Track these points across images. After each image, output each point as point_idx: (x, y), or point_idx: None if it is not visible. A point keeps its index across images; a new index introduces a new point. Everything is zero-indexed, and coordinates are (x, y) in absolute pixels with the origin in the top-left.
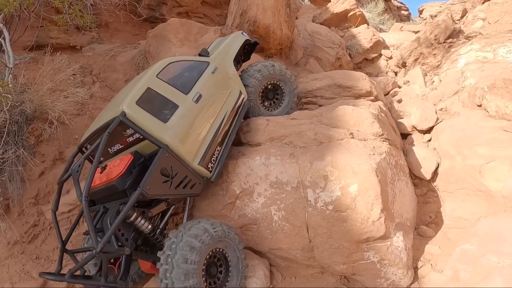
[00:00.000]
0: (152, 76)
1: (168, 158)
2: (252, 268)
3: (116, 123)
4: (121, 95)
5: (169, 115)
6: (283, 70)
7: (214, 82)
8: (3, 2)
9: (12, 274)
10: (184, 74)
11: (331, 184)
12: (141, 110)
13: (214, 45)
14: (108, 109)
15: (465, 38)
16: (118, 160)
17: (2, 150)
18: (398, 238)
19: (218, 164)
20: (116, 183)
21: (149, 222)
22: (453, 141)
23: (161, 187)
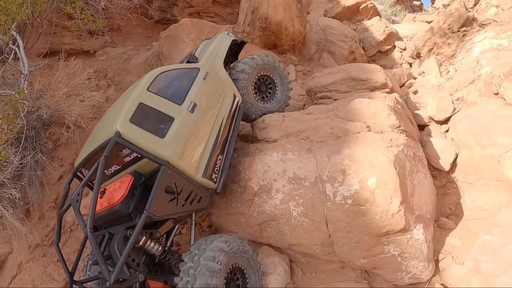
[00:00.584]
0: (142, 90)
1: (171, 174)
2: (272, 264)
3: (112, 145)
4: (111, 113)
5: (165, 130)
6: (275, 61)
7: (206, 89)
8: (15, 10)
9: (34, 277)
10: (175, 83)
11: (349, 178)
12: (136, 128)
13: (201, 49)
14: (100, 129)
15: (479, 26)
16: (118, 183)
17: (20, 155)
18: (418, 231)
19: (222, 174)
20: (120, 207)
21: (159, 243)
22: (471, 131)
23: (168, 207)
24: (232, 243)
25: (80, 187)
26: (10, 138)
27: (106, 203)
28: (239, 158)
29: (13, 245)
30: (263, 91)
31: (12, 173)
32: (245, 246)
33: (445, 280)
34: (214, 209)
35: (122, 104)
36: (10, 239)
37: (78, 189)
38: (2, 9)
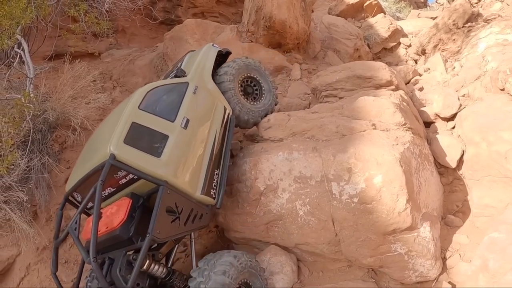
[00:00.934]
0: (134, 109)
1: (170, 194)
2: (279, 264)
3: (107, 168)
4: (102, 132)
5: (161, 148)
6: (256, 63)
7: (197, 103)
8: (19, 14)
9: (42, 278)
10: (166, 100)
11: (355, 176)
12: (130, 149)
13: (186, 62)
14: (92, 150)
15: (484, 21)
16: (115, 206)
17: (27, 158)
18: (425, 229)
19: (220, 188)
20: (120, 232)
21: (163, 266)
22: (477, 127)
23: (171, 227)
24: (241, 258)
25: (77, 214)
26: (17, 141)
27: (104, 228)
28: (244, 158)
29: (21, 247)
30: (250, 93)
31: (19, 176)
32: (253, 262)
33: (452, 278)
34: (221, 209)
35: (113, 123)
36: (18, 242)
37: (75, 216)
38: (6, 13)
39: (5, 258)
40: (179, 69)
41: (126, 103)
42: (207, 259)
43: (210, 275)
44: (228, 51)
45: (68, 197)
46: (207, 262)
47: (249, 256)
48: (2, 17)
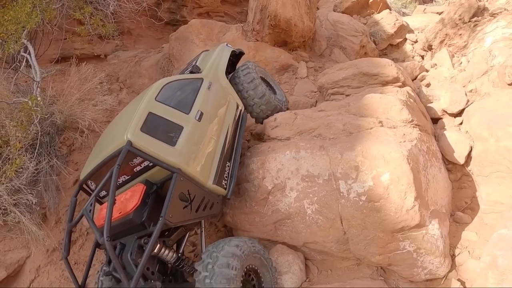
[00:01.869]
0: (151, 100)
1: (184, 182)
2: (287, 263)
3: (124, 154)
4: (116, 125)
5: (175, 138)
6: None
7: (211, 98)
8: (24, 19)
9: (52, 280)
10: (181, 93)
11: (362, 174)
12: (147, 137)
13: (201, 60)
14: (107, 141)
15: (490, 16)
16: (129, 192)
17: (36, 161)
18: (433, 226)
19: (231, 180)
20: (133, 216)
21: (173, 251)
22: (485, 122)
23: (183, 213)
24: (243, 246)
25: (92, 197)
26: (25, 145)
27: (117, 214)
28: (252, 157)
29: (31, 249)
30: None
31: (28, 178)
32: (256, 246)
33: (461, 275)
34: (229, 208)
35: (127, 116)
36: (28, 244)
37: (91, 199)
38: (11, 18)
39: (15, 261)
40: (195, 66)
41: (142, 96)
42: (209, 251)
43: (214, 269)
44: (241, 51)
45: (82, 185)
46: (210, 254)
47: (251, 242)
48: (8, 22)
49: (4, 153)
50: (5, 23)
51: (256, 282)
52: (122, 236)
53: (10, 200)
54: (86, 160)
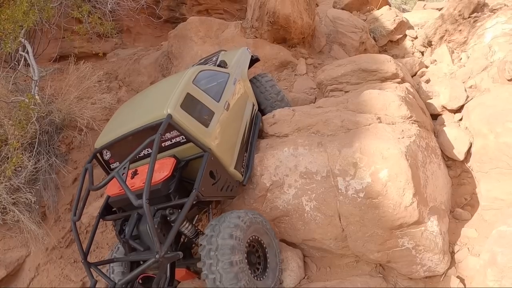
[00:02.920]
0: (189, 82)
1: (213, 161)
2: (286, 260)
3: (165, 125)
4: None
5: (208, 121)
6: None
7: (235, 93)
8: (21, 17)
9: (52, 278)
10: (213, 82)
11: (360, 171)
12: (186, 114)
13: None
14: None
15: (490, 11)
16: (158, 164)
17: (35, 159)
18: (432, 223)
19: (247, 169)
20: (161, 186)
21: (193, 226)
22: (485, 118)
23: (211, 189)
24: (245, 217)
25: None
26: (24, 143)
27: (139, 183)
28: None
29: (30, 248)
30: None
31: (27, 177)
32: (257, 217)
33: (461, 272)
34: (227, 206)
35: (157, 95)
36: (27, 243)
37: (125, 163)
38: (8, 17)
39: (14, 259)
40: (222, 60)
41: (175, 78)
42: (212, 225)
43: (218, 241)
44: (257, 57)
45: (97, 153)
46: (213, 228)
47: (253, 213)
48: (5, 21)
49: (3, 152)
50: (2, 22)
51: (260, 253)
52: None
53: (9, 199)
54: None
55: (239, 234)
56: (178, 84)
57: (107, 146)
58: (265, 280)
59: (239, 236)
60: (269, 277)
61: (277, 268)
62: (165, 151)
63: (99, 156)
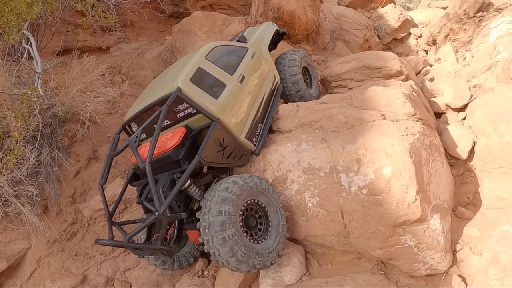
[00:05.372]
0: (201, 57)
1: (220, 130)
2: (287, 256)
3: (174, 97)
4: (164, 78)
5: (219, 93)
6: (307, 57)
7: (253, 66)
8: (24, 10)
9: (53, 271)
10: (228, 57)
11: (364, 167)
12: (194, 87)
13: (248, 32)
14: (154, 90)
15: (495, 11)
16: (170, 133)
17: (37, 152)
18: (435, 221)
19: (261, 138)
20: (171, 153)
21: (200, 189)
22: (489, 117)
23: (216, 156)
24: (233, 187)
25: (139, 131)
26: (26, 136)
27: (156, 151)
28: None
29: (31, 240)
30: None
31: (29, 170)
32: (263, 184)
33: (462, 271)
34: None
35: (176, 71)
36: (28, 235)
37: (138, 132)
38: (12, 9)
39: (16, 252)
40: (242, 36)
41: (192, 55)
42: (205, 199)
43: (209, 218)
44: (284, 31)
45: (125, 126)
46: (205, 203)
47: (242, 178)
48: (8, 13)
49: (5, 145)
50: (5, 14)
51: (261, 213)
52: (158, 173)
53: (11, 191)
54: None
55: (228, 208)
56: (192, 59)
57: (132, 118)
58: (267, 240)
59: (228, 210)
60: (272, 236)
61: (279, 224)
62: (180, 122)
63: (128, 128)
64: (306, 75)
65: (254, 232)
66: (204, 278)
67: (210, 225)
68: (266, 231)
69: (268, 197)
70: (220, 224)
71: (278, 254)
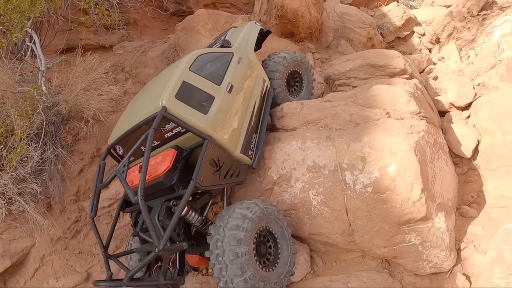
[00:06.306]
0: (185, 69)
1: (214, 149)
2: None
3: (159, 118)
4: (148, 93)
5: (207, 107)
6: (303, 58)
7: (240, 72)
8: (28, 8)
9: (56, 269)
10: (213, 65)
11: (369, 165)
12: (181, 104)
13: (230, 35)
14: (139, 108)
15: (499, 9)
16: (160, 156)
17: (41, 150)
18: (439, 219)
19: (257, 150)
20: (164, 179)
21: (199, 214)
22: (493, 116)
23: (212, 178)
24: (255, 208)
25: (127, 158)
26: (30, 134)
27: (147, 176)
28: None
29: (35, 238)
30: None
31: (33, 168)
32: (269, 208)
33: (467, 269)
34: (234, 199)
35: (160, 86)
36: (32, 233)
37: (125, 160)
38: (15, 7)
39: (19, 250)
40: (225, 40)
41: (175, 67)
42: (222, 214)
43: (225, 231)
44: (268, 30)
45: (110, 149)
46: (222, 218)
47: (264, 204)
48: (11, 11)
49: (9, 142)
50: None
51: (272, 243)
52: (150, 199)
53: (15, 189)
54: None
55: (246, 225)
56: (174, 73)
57: (117, 142)
58: (275, 271)
59: (246, 227)
60: (280, 268)
61: (288, 259)
62: (169, 142)
63: (113, 151)
64: (296, 79)
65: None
66: (208, 276)
67: (224, 239)
68: (275, 262)
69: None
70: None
71: None
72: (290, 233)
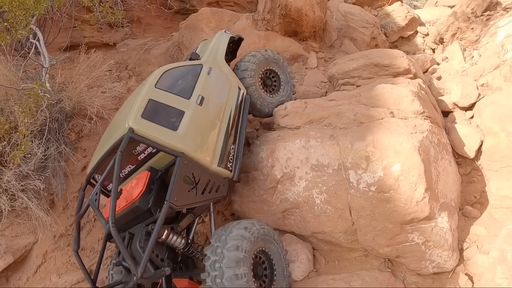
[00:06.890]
0: (150, 88)
1: (187, 165)
2: (295, 252)
3: (126, 141)
4: (119, 117)
5: (177, 123)
6: (275, 55)
7: (212, 83)
8: (32, 5)
9: (59, 265)
10: (182, 79)
11: (373, 164)
12: (148, 123)
13: (200, 48)
14: (110, 134)
15: (503, 10)
16: (135, 180)
17: (44, 147)
18: (443, 219)
19: (236, 162)
20: (139, 203)
21: (181, 237)
22: (496, 117)
23: (188, 196)
24: (252, 228)
25: (98, 186)
26: (33, 131)
27: (124, 202)
28: (261, 146)
29: (38, 235)
30: (269, 85)
31: (36, 164)
32: (265, 228)
33: (469, 269)
34: (237, 197)
35: (130, 105)
36: (35, 230)
37: (96, 188)
38: (19, 4)
39: (22, 246)
40: (194, 53)
41: (143, 85)
42: (218, 234)
43: (223, 252)
44: (240, 37)
45: (89, 179)
46: (219, 238)
47: (260, 224)
48: (16, 8)
49: (13, 139)
50: (13, 9)
51: (267, 265)
52: (131, 226)
53: (18, 185)
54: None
55: (245, 246)
56: (141, 91)
57: (94, 170)
58: None
59: (245, 248)
60: None
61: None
62: (144, 164)
63: (93, 181)
64: (273, 78)
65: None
66: None
67: (222, 260)
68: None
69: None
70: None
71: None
72: (285, 255)
